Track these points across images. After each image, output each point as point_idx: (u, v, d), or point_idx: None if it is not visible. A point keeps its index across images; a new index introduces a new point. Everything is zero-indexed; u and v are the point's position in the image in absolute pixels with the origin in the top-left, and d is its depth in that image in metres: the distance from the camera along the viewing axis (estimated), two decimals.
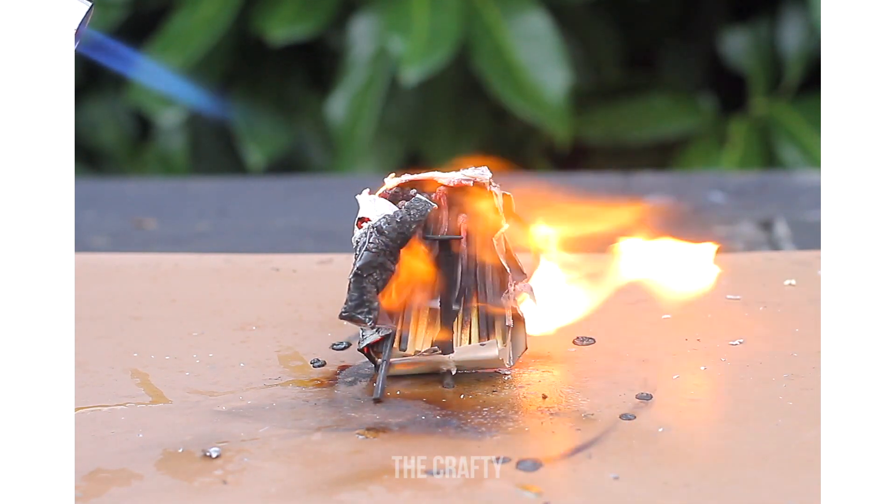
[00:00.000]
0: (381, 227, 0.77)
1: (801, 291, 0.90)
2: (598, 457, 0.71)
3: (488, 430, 0.74)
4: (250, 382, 0.80)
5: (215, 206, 1.27)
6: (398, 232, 0.77)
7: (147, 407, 0.78)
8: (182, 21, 1.72)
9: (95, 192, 1.31)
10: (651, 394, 0.77)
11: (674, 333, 0.84)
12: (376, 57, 1.73)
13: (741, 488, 0.69)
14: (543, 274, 0.84)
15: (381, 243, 0.77)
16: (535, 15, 1.71)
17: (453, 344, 0.79)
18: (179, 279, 0.95)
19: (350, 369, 0.81)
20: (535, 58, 1.69)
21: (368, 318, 0.77)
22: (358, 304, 0.77)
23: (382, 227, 0.77)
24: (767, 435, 0.73)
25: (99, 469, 0.71)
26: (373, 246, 0.77)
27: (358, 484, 0.69)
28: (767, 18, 1.82)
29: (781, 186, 1.28)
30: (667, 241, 0.88)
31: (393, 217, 0.77)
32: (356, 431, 0.74)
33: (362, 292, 0.77)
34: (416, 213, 0.77)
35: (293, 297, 0.92)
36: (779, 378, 0.79)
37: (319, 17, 1.73)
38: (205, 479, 0.70)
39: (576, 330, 0.84)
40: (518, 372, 0.80)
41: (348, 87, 1.73)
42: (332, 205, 1.25)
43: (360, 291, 0.77)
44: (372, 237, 0.77)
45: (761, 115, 1.78)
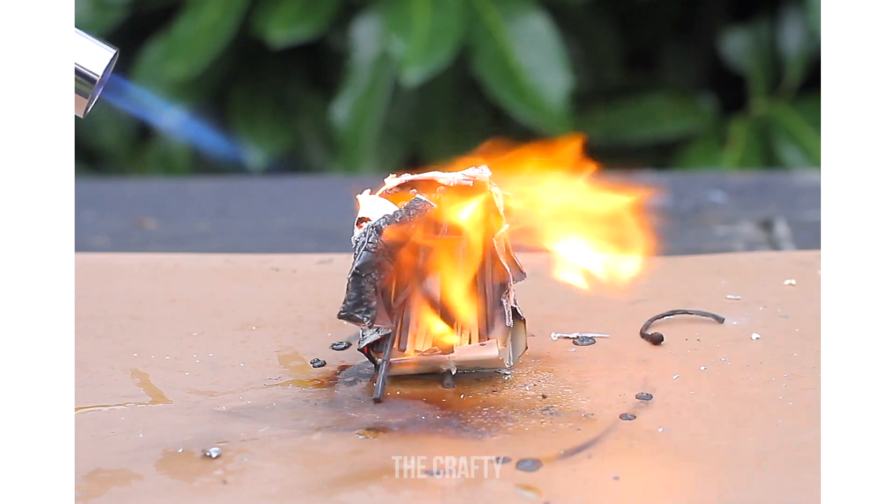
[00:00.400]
0: (380, 227, 0.77)
1: (801, 291, 0.90)
2: (598, 457, 0.71)
3: (488, 430, 0.74)
4: (250, 382, 0.80)
5: (215, 206, 1.27)
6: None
7: (147, 407, 0.78)
8: (186, 28, 1.72)
9: (95, 192, 1.31)
10: (651, 394, 0.77)
11: (674, 333, 0.84)
12: (379, 60, 1.73)
13: (741, 488, 0.69)
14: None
15: (381, 243, 0.77)
16: (536, 17, 1.70)
17: (453, 344, 0.79)
18: (179, 279, 0.95)
19: (350, 369, 0.81)
20: (535, 61, 1.69)
21: (367, 318, 0.77)
22: (356, 303, 0.77)
23: (382, 226, 0.77)
24: (767, 435, 0.73)
25: (99, 469, 0.71)
26: (371, 246, 0.77)
27: (358, 484, 0.69)
28: (767, 19, 1.82)
29: (781, 186, 1.28)
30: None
31: (392, 217, 0.77)
32: (356, 431, 0.74)
33: (360, 292, 0.77)
34: (415, 212, 0.77)
35: (293, 297, 0.92)
36: (779, 378, 0.79)
37: (320, 18, 1.73)
38: (205, 479, 0.70)
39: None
40: (518, 372, 0.80)
41: (352, 91, 1.74)
42: (332, 205, 1.25)
43: (359, 291, 0.77)
44: (371, 237, 0.77)
45: (761, 115, 1.78)
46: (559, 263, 0.84)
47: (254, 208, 1.28)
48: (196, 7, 1.73)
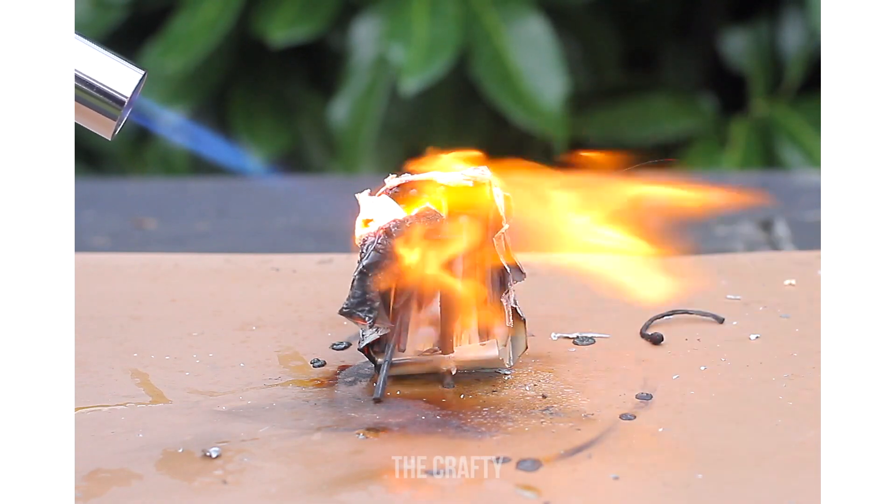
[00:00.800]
0: (389, 230, 0.77)
1: (801, 291, 0.90)
2: (598, 457, 0.71)
3: (488, 430, 0.74)
4: (250, 382, 0.80)
5: (215, 206, 1.27)
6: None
7: (147, 407, 0.78)
8: (183, 24, 1.72)
9: (95, 192, 1.31)
10: (651, 394, 0.77)
11: (674, 333, 0.84)
12: (378, 62, 1.73)
13: (741, 488, 0.68)
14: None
15: (389, 245, 0.77)
16: (534, 20, 1.70)
17: (453, 344, 0.79)
18: (179, 279, 0.95)
19: (350, 369, 0.81)
20: (533, 64, 1.69)
21: (368, 317, 0.77)
22: (360, 301, 0.77)
23: (391, 230, 0.77)
24: (767, 435, 0.73)
25: (99, 469, 0.71)
26: (381, 247, 0.77)
27: (358, 484, 0.69)
28: (767, 19, 1.82)
29: (781, 186, 1.28)
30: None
31: (402, 222, 0.78)
32: (356, 431, 0.74)
33: (365, 290, 0.77)
34: (425, 221, 0.78)
35: (293, 297, 0.92)
36: (779, 378, 0.79)
37: (320, 19, 1.73)
38: (205, 479, 0.70)
39: None
40: (518, 372, 0.80)
41: (351, 92, 1.74)
42: (332, 205, 1.25)
43: (364, 289, 0.77)
44: (380, 238, 0.77)
45: (761, 115, 1.78)
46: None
47: (254, 208, 1.28)
48: (194, 4, 1.73)
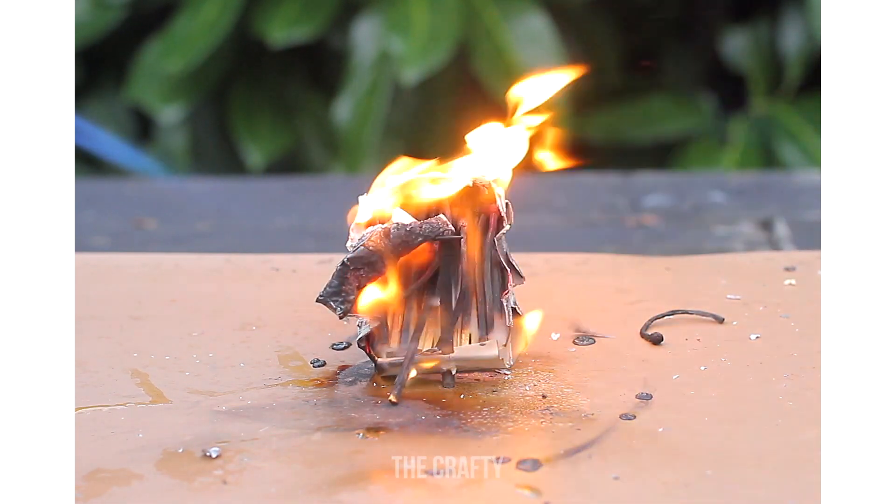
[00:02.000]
0: (388, 231, 0.77)
1: (801, 291, 0.90)
2: (598, 457, 0.71)
3: (488, 430, 0.74)
4: (250, 382, 0.80)
5: (215, 206, 1.27)
6: (402, 240, 0.77)
7: (147, 407, 0.78)
8: (184, 25, 1.72)
9: (95, 192, 1.31)
10: (651, 394, 0.77)
11: (674, 333, 0.84)
12: (379, 60, 1.73)
13: (741, 488, 0.69)
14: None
15: (382, 245, 0.77)
16: (535, 16, 1.71)
17: (453, 344, 0.79)
18: (179, 279, 0.95)
19: (350, 369, 0.81)
20: (534, 60, 1.69)
21: (340, 308, 0.77)
22: (335, 291, 0.78)
23: (390, 231, 0.77)
24: (767, 435, 0.73)
25: (99, 469, 0.71)
26: (371, 244, 0.77)
27: (358, 484, 0.69)
28: (767, 19, 1.82)
29: (781, 186, 1.28)
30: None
31: (403, 226, 0.78)
32: (356, 431, 0.74)
33: (343, 282, 0.77)
34: (428, 229, 0.78)
35: (293, 297, 0.92)
36: (779, 378, 0.79)
37: (320, 19, 1.73)
38: (205, 479, 0.70)
39: None
40: (518, 372, 0.80)
41: (353, 91, 1.74)
42: (332, 205, 1.25)
43: (341, 280, 0.77)
44: (375, 236, 0.77)
45: (761, 115, 1.78)
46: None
47: (254, 208, 1.28)
48: (194, 5, 1.73)
